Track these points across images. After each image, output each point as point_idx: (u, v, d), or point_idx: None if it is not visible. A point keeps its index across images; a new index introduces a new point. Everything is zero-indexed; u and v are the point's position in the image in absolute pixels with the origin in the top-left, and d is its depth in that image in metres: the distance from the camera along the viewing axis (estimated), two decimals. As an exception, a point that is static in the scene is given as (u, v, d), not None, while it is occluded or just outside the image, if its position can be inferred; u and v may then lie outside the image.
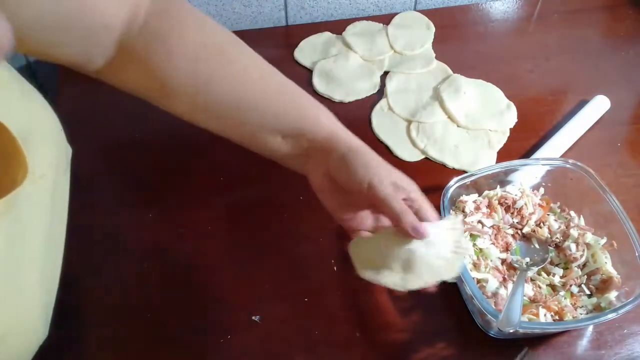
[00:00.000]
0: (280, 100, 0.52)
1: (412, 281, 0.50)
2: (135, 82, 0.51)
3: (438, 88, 0.80)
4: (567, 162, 0.63)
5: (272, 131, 0.52)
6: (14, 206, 0.37)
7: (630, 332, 0.59)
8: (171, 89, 0.49)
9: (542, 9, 0.93)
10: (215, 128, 0.53)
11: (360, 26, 0.90)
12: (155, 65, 0.48)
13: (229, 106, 0.51)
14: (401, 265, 0.50)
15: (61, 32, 0.42)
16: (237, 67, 0.51)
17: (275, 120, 0.52)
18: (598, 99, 0.77)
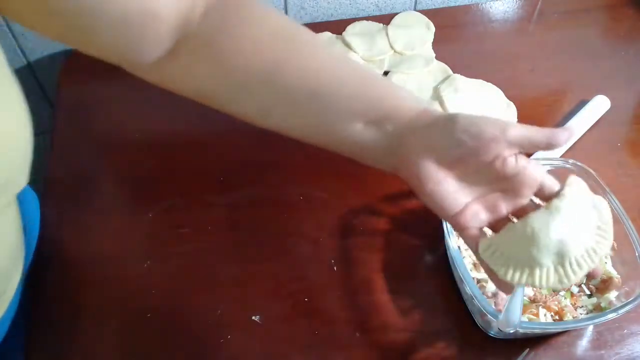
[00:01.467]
0: (356, 82, 0.47)
1: (573, 272, 0.42)
2: (200, 81, 0.47)
3: (438, 88, 0.80)
4: (567, 162, 0.63)
5: (352, 117, 0.46)
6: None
7: (630, 332, 0.59)
8: (241, 83, 0.46)
9: (542, 9, 0.93)
10: (290, 126, 0.48)
11: (360, 26, 0.90)
12: (221, 58, 0.45)
13: (303, 95, 0.46)
14: (554, 256, 0.43)
15: (98, 19, 0.39)
16: (308, 52, 0.46)
17: (354, 103, 0.46)
18: (598, 99, 0.77)
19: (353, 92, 0.46)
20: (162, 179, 0.71)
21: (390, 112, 0.46)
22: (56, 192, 0.70)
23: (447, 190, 0.45)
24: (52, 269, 0.63)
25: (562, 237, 0.42)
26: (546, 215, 0.43)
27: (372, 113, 0.46)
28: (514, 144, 0.43)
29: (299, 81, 0.45)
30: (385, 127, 0.46)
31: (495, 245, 0.45)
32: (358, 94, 0.46)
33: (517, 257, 0.43)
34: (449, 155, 0.44)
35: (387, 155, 0.47)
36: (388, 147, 0.46)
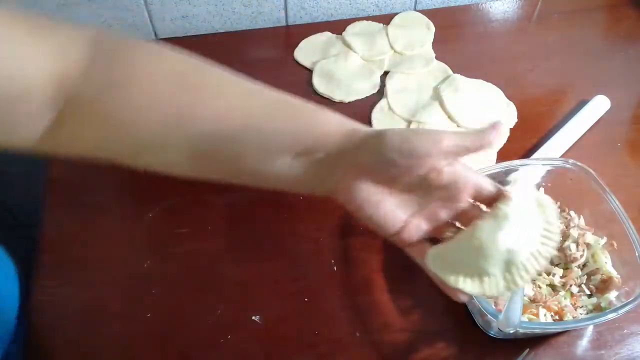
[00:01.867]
0: (276, 115, 0.44)
1: (520, 277, 0.42)
2: (93, 144, 0.43)
3: (438, 88, 0.80)
4: (567, 162, 0.63)
5: (277, 153, 0.43)
6: None
7: (630, 332, 0.59)
8: (141, 140, 0.41)
9: (542, 9, 0.93)
10: (210, 173, 0.45)
11: (360, 26, 0.90)
12: (112, 119, 0.40)
13: (218, 141, 0.42)
14: (502, 265, 0.42)
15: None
16: (214, 92, 0.42)
17: (278, 139, 0.43)
18: (598, 99, 0.77)
19: (273, 127, 0.43)
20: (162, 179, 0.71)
21: (318, 140, 0.43)
22: (56, 192, 0.70)
23: (386, 210, 0.44)
24: (51, 269, 0.63)
25: (509, 246, 0.42)
26: (493, 223, 0.43)
27: (299, 145, 0.43)
28: (449, 153, 0.42)
29: (209, 128, 0.41)
30: (315, 155, 0.43)
31: (443, 255, 0.44)
32: (279, 129, 0.43)
33: (465, 266, 0.44)
34: (382, 175, 0.43)
35: (321, 183, 0.45)
36: (320, 174, 0.44)
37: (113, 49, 0.41)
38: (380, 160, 0.42)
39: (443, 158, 0.42)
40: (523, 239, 0.43)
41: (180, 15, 0.87)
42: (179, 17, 0.87)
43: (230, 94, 0.43)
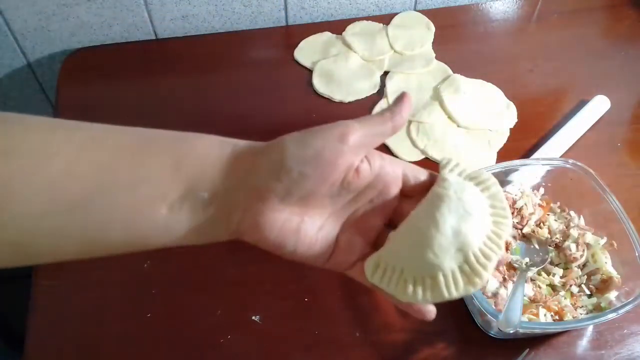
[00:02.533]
0: (136, 160, 0.34)
1: (482, 266, 0.34)
2: None
3: (438, 88, 0.80)
4: (567, 162, 0.63)
5: (144, 209, 0.34)
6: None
7: (630, 332, 0.59)
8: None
9: (542, 9, 0.93)
10: (65, 250, 0.35)
11: (360, 26, 0.90)
12: None
13: (63, 213, 0.33)
14: (455, 254, 0.35)
15: None
16: (38, 158, 0.32)
17: (140, 191, 0.34)
18: (598, 99, 0.77)
19: (136, 177, 0.34)
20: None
21: (195, 178, 0.34)
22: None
23: (309, 235, 0.37)
24: (51, 269, 0.63)
25: (456, 227, 0.35)
26: (429, 208, 0.36)
27: (172, 191, 0.34)
28: (359, 147, 0.35)
29: (39, 204, 0.32)
30: (196, 198, 0.35)
31: (383, 263, 0.37)
32: (145, 177, 0.34)
33: (412, 268, 0.36)
34: (292, 194, 0.34)
35: (217, 229, 0.36)
36: (213, 219, 0.35)
37: None
38: (285, 178, 0.34)
39: (354, 154, 0.35)
40: (470, 221, 0.35)
41: (180, 15, 0.87)
42: (178, 17, 0.87)
43: (63, 154, 0.33)
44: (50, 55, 0.88)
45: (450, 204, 0.36)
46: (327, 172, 0.34)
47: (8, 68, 0.88)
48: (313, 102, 0.79)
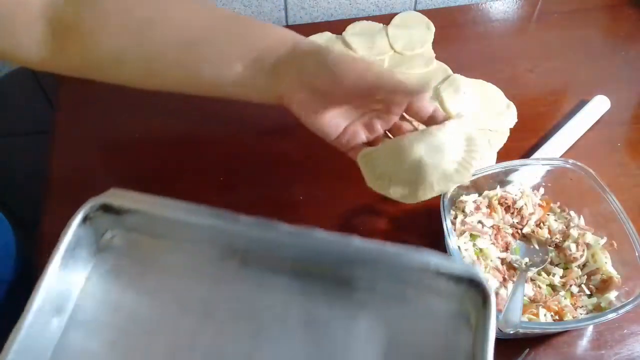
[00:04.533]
0: (231, 27, 0.49)
1: (423, 191, 0.49)
2: (79, 59, 0.49)
3: (438, 88, 0.80)
4: (567, 162, 0.63)
5: (230, 61, 0.49)
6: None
7: (630, 332, 0.59)
8: (113, 56, 0.47)
9: (542, 9, 0.93)
10: (172, 82, 0.51)
11: (360, 26, 0.90)
12: (89, 38, 0.46)
13: (180, 48, 0.48)
14: (411, 174, 0.48)
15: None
16: (177, 5, 0.49)
17: (231, 47, 0.49)
18: (598, 99, 0.77)
19: (229, 37, 0.49)
20: (163, 179, 0.71)
21: (268, 49, 0.48)
22: (56, 192, 0.70)
23: (327, 117, 0.50)
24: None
25: (423, 156, 0.49)
26: (418, 136, 0.50)
27: (250, 54, 0.48)
28: (375, 87, 0.48)
29: (172, 35, 0.47)
30: (263, 64, 0.49)
31: (371, 156, 0.52)
32: (234, 39, 0.48)
33: (383, 171, 0.50)
34: (321, 85, 0.48)
35: (269, 90, 0.50)
36: (268, 82, 0.49)
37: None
38: (320, 71, 0.47)
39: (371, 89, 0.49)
40: (439, 159, 0.48)
41: (180, 15, 0.87)
42: (179, 17, 0.87)
43: (191, 6, 0.49)
44: (50, 55, 0.88)
45: (432, 142, 0.49)
46: (345, 85, 0.47)
47: (8, 68, 0.88)
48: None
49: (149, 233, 0.55)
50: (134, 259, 0.54)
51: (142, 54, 0.48)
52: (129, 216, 0.53)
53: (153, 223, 0.54)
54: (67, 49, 0.47)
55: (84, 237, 0.53)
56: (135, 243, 0.55)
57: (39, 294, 0.47)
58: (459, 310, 0.49)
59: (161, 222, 0.53)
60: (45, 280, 0.48)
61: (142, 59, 0.48)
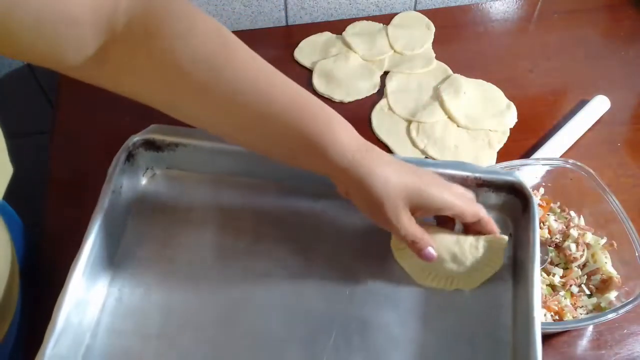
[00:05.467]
0: (296, 104, 0.47)
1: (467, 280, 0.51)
2: (131, 86, 0.46)
3: (438, 88, 0.80)
4: (567, 162, 0.63)
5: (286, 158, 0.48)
6: None
7: (630, 332, 0.59)
8: (176, 90, 0.45)
9: (542, 9, 0.93)
10: (233, 134, 0.48)
11: (360, 26, 0.90)
12: (151, 62, 0.43)
13: (251, 104, 0.45)
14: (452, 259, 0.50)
15: (11, 24, 0.36)
16: (244, 58, 0.47)
17: (288, 145, 0.47)
18: (598, 99, 0.77)
19: (283, 132, 0.46)
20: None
21: (325, 151, 0.46)
22: (56, 192, 0.70)
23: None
24: (52, 269, 0.63)
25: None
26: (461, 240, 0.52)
27: (303, 147, 0.47)
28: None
29: (245, 86, 0.45)
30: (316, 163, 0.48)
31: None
32: (291, 122, 0.46)
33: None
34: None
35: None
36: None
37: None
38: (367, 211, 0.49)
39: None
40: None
41: (180, 15, 0.87)
42: (179, 17, 0.87)
43: (257, 63, 0.48)
44: (50, 55, 0.88)
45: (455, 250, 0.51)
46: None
47: (8, 68, 0.88)
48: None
49: (190, 168, 0.57)
50: (175, 194, 0.56)
51: (199, 101, 0.45)
52: (169, 152, 0.55)
53: (193, 156, 0.56)
54: (124, 73, 0.45)
55: (127, 176, 0.55)
56: (176, 179, 0.57)
57: (90, 235, 0.50)
58: (497, 220, 0.53)
59: (201, 154, 0.55)
60: (94, 225, 0.50)
61: (200, 105, 0.46)
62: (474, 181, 0.53)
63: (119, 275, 0.52)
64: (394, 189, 0.46)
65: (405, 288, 0.52)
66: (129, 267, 0.53)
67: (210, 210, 0.56)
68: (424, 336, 0.49)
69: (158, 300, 0.51)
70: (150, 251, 0.53)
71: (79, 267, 0.48)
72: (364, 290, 0.52)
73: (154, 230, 0.55)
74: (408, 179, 0.47)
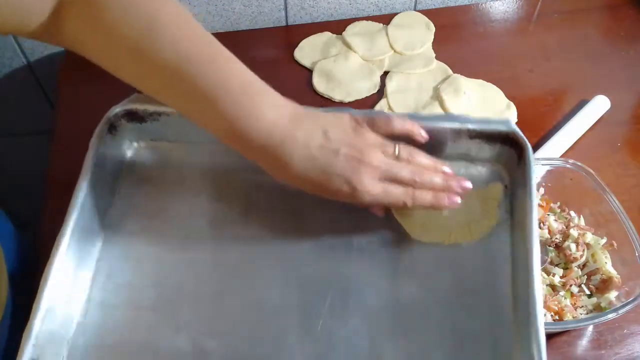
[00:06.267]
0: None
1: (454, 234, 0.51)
2: (84, 42, 0.47)
3: (438, 88, 0.80)
4: (567, 162, 0.63)
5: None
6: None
7: (630, 332, 0.59)
8: (115, 39, 0.45)
9: (542, 9, 0.93)
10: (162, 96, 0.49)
11: (360, 26, 0.90)
12: (104, 16, 0.45)
13: (172, 65, 0.45)
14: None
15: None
16: (181, 18, 0.47)
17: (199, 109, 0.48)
18: (598, 99, 0.77)
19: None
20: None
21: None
22: (56, 192, 0.70)
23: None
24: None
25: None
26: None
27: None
28: None
29: (168, 51, 0.45)
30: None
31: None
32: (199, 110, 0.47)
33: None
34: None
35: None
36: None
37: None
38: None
39: None
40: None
41: (180, 15, 0.87)
42: (179, 17, 0.87)
43: (192, 22, 0.48)
44: (50, 55, 0.88)
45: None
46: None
47: (8, 68, 0.88)
48: (313, 101, 0.79)
49: (175, 139, 0.56)
50: (162, 166, 0.56)
51: (139, 53, 0.46)
52: (153, 122, 0.54)
53: (178, 125, 0.55)
54: (79, 31, 0.46)
55: (110, 149, 0.54)
56: (162, 151, 0.56)
57: (74, 208, 0.49)
58: (492, 172, 0.54)
59: (185, 123, 0.53)
60: (78, 197, 0.50)
61: (137, 59, 0.47)
62: (466, 133, 0.52)
63: (107, 250, 0.52)
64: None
65: (403, 247, 0.51)
66: (118, 242, 0.52)
67: (199, 180, 0.55)
68: (423, 294, 0.49)
69: (150, 273, 0.50)
70: (139, 224, 0.53)
71: (63, 243, 0.47)
72: (359, 252, 0.51)
73: (142, 203, 0.54)
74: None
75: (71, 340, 0.48)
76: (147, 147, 0.57)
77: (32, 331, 0.43)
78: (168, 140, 0.56)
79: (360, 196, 0.47)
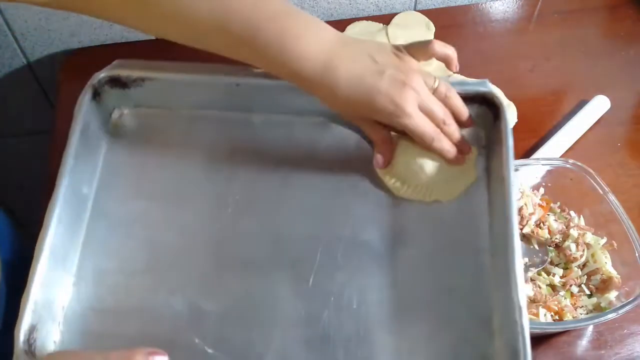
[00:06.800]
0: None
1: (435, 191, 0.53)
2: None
3: (438, 88, 0.80)
4: (567, 162, 0.63)
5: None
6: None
7: (630, 332, 0.59)
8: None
9: (542, 9, 0.93)
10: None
11: (360, 26, 0.89)
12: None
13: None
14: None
15: None
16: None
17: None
18: (598, 99, 0.77)
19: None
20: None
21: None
22: (56, 192, 0.70)
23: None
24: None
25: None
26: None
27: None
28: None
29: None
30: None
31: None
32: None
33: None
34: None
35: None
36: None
37: None
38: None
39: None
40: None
41: (180, 15, 0.87)
42: (179, 17, 0.87)
43: None
44: (50, 55, 0.88)
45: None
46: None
47: (8, 68, 0.88)
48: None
49: (159, 105, 0.56)
50: (146, 131, 0.56)
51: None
52: (136, 87, 0.54)
53: (162, 91, 0.55)
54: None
55: (94, 116, 0.54)
56: (147, 117, 0.57)
57: (64, 174, 0.50)
58: (470, 133, 0.55)
59: (170, 88, 0.54)
60: (67, 163, 0.50)
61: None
62: None
63: (97, 218, 0.52)
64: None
65: (387, 205, 0.53)
66: (108, 208, 0.53)
67: (185, 146, 0.56)
68: (406, 250, 0.51)
69: (141, 237, 0.51)
70: (126, 189, 0.54)
71: (56, 209, 0.48)
72: (344, 210, 0.53)
73: (128, 167, 0.55)
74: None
75: (66, 306, 0.49)
76: (132, 114, 0.57)
77: (29, 297, 0.44)
78: (153, 106, 0.57)
79: (400, 115, 0.49)
